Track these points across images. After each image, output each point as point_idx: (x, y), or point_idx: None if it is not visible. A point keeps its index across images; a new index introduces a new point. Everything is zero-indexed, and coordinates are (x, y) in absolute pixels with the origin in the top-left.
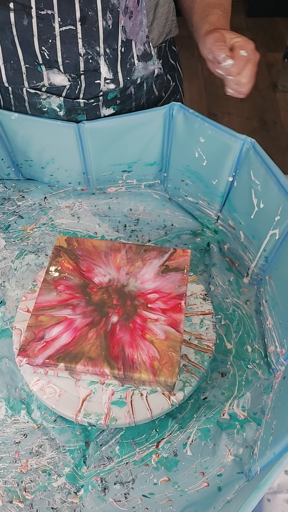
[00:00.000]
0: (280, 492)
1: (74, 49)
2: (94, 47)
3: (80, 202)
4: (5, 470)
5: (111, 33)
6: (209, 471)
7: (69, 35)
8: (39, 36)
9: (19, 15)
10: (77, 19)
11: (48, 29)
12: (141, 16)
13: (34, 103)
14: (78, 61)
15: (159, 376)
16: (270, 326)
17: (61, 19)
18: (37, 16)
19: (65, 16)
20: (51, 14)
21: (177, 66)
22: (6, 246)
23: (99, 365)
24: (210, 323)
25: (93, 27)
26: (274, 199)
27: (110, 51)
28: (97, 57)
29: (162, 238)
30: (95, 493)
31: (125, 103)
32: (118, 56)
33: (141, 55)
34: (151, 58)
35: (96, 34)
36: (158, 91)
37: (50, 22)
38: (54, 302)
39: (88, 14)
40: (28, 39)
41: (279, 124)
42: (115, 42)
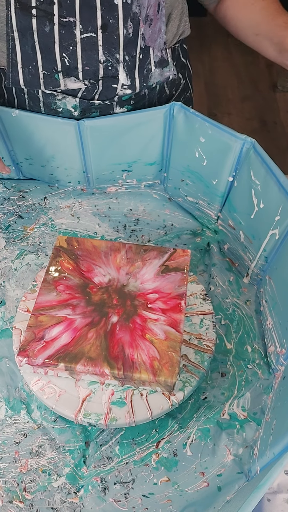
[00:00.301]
0: (280, 492)
1: (94, 56)
2: (114, 54)
3: (80, 202)
4: (5, 470)
5: (131, 41)
6: (209, 471)
7: (90, 42)
8: (60, 42)
9: (41, 22)
10: (98, 26)
11: (70, 36)
12: (160, 24)
13: (49, 104)
14: (98, 68)
15: (159, 376)
16: (270, 326)
17: (83, 26)
18: (59, 23)
19: (87, 23)
20: (73, 21)
21: (187, 63)
22: (6, 246)
23: (99, 365)
24: (210, 323)
25: (113, 35)
26: (274, 199)
27: (129, 58)
28: (116, 64)
29: (162, 238)
30: (95, 493)
31: (138, 103)
32: (136, 62)
33: (158, 62)
34: (167, 65)
35: (116, 41)
36: (169, 90)
37: (72, 29)
38: (54, 302)
39: (109, 22)
40: (49, 46)
41: (279, 124)
42: (134, 50)
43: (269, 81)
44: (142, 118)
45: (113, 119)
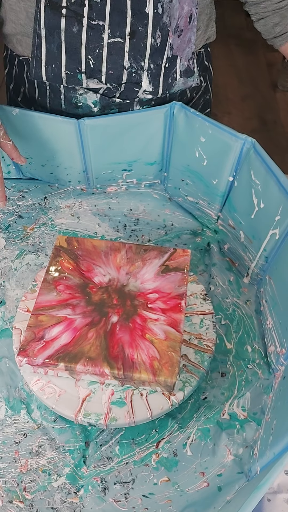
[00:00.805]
0: (280, 492)
1: (120, 61)
2: (139, 61)
3: (80, 202)
4: (5, 470)
5: (158, 50)
6: (209, 471)
7: (116, 47)
8: (87, 44)
9: (70, 22)
10: (126, 32)
11: (97, 39)
12: (190, 34)
13: (70, 97)
14: (122, 73)
15: (159, 376)
16: (270, 326)
17: (111, 31)
18: (87, 25)
19: (115, 28)
20: (102, 25)
21: (209, 66)
22: (6, 246)
23: (99, 365)
24: (210, 323)
25: (141, 43)
26: (274, 199)
27: (154, 66)
28: (141, 71)
29: (162, 238)
30: (95, 493)
31: (158, 104)
32: (161, 71)
33: (184, 71)
34: (193, 75)
35: (143, 49)
36: (190, 93)
37: (100, 32)
38: (54, 302)
39: (138, 29)
40: (75, 46)
41: (279, 123)
42: (160, 59)
43: (269, 80)
44: (143, 118)
45: (113, 118)
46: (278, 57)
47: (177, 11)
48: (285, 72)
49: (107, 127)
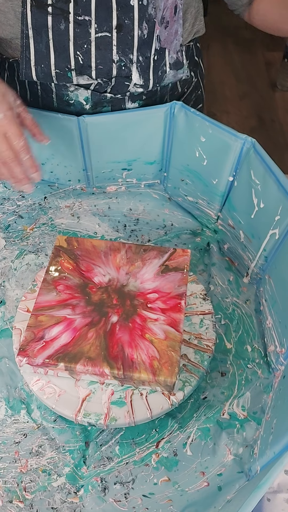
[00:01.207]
0: (280, 491)
1: (108, 56)
2: (128, 54)
3: (80, 202)
4: (5, 470)
5: (146, 42)
6: (209, 471)
7: (104, 41)
8: (74, 41)
9: (56, 19)
10: (113, 26)
11: (84, 35)
12: (176, 26)
13: (61, 95)
14: (111, 67)
15: (158, 376)
16: (270, 326)
17: (98, 25)
18: (74, 22)
19: (102, 23)
20: (88, 20)
21: (199, 62)
22: (6, 246)
23: (98, 365)
24: (210, 322)
25: (128, 35)
26: (274, 199)
27: (143, 59)
28: (130, 64)
29: (162, 238)
30: (95, 493)
31: (150, 99)
32: (150, 64)
33: (173, 63)
34: (182, 67)
35: (130, 42)
36: (182, 88)
37: (87, 28)
38: (54, 302)
39: (125, 22)
40: (63, 43)
41: (277, 122)
42: (148, 51)
43: (267, 79)
44: (143, 116)
45: (114, 116)
46: (277, 56)
47: (162, 2)
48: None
49: (107, 125)
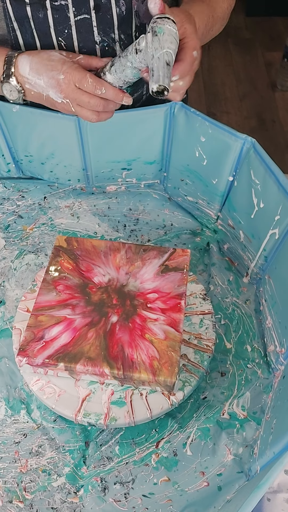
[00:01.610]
0: (280, 491)
1: (90, 38)
2: (109, 34)
3: (79, 202)
4: (5, 470)
5: (125, 19)
6: (209, 471)
7: (84, 24)
8: (55, 27)
9: (35, 8)
10: (91, 7)
11: (64, 20)
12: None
13: None
14: (95, 48)
15: (158, 376)
16: (270, 326)
17: (76, 8)
18: (51, 8)
19: (79, 5)
20: (65, 4)
21: None
22: (5, 246)
23: (98, 365)
24: (210, 322)
25: (107, 15)
26: (274, 199)
27: (125, 36)
28: (113, 43)
29: (162, 237)
30: (95, 493)
31: (137, 85)
32: (133, 41)
33: None
34: None
35: (110, 21)
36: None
37: (65, 12)
38: (54, 302)
39: (102, 1)
40: (45, 31)
41: (277, 123)
42: (129, 28)
43: (267, 80)
44: (143, 116)
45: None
46: (277, 56)
47: None
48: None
49: (107, 124)
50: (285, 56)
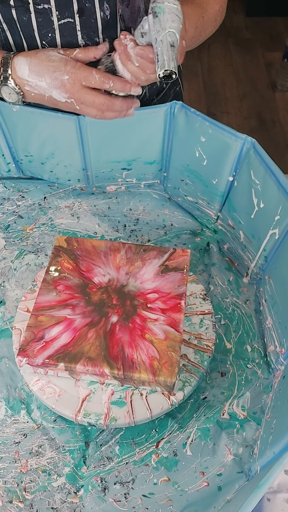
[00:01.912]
0: (280, 491)
1: (74, 42)
2: (93, 38)
3: (79, 202)
4: (5, 470)
5: (110, 23)
6: (209, 471)
7: (68, 27)
8: (39, 30)
9: (19, 11)
10: (75, 11)
11: (47, 23)
12: (138, 3)
13: None
14: None
15: (158, 376)
16: (270, 326)
17: (59, 12)
18: (35, 11)
19: (63, 9)
20: (48, 8)
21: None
22: (5, 246)
23: (98, 365)
24: (210, 322)
25: (91, 19)
26: (274, 199)
27: (109, 41)
28: None
29: (162, 238)
30: (95, 493)
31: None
32: None
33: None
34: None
35: (94, 25)
36: (160, 82)
37: (49, 16)
38: (54, 302)
39: (86, 5)
40: (30, 34)
41: (277, 123)
42: (114, 32)
43: (267, 80)
44: (143, 116)
45: None
46: (277, 56)
47: None
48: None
49: (107, 124)
50: (285, 56)
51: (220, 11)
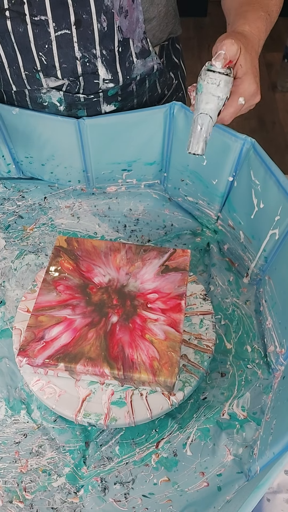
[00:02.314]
0: (280, 492)
1: (71, 53)
2: (90, 50)
3: (80, 202)
4: (5, 470)
5: (107, 35)
6: (209, 471)
7: (64, 39)
8: (35, 42)
9: (15, 23)
10: (72, 23)
11: (44, 35)
12: (137, 13)
13: (34, 98)
14: (75, 64)
15: (158, 376)
16: (270, 326)
17: (56, 24)
18: (31, 23)
19: (60, 20)
20: (45, 19)
21: (180, 64)
22: (6, 246)
23: (98, 365)
24: (210, 323)
25: (88, 30)
26: (274, 199)
27: (106, 52)
28: (94, 59)
29: (162, 238)
30: (95, 493)
31: (126, 100)
32: (116, 56)
33: (139, 52)
34: (150, 54)
35: (91, 37)
36: (161, 89)
37: (45, 27)
38: (54, 302)
39: (83, 17)
40: (26, 45)
41: (278, 124)
42: (111, 43)
43: (268, 81)
44: (142, 117)
45: (113, 117)
46: (277, 57)
47: None
48: (284, 72)
49: (106, 127)
50: (285, 56)
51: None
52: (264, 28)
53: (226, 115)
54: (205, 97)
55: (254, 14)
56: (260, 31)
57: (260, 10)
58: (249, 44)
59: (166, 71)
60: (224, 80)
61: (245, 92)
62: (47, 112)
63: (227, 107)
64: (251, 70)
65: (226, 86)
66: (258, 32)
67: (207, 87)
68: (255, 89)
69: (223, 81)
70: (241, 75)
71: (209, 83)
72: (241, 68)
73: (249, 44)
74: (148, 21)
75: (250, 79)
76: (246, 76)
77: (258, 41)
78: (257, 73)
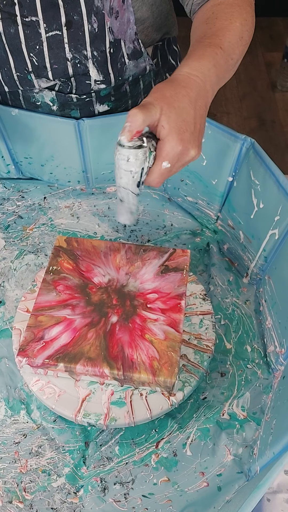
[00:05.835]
0: (280, 492)
1: (62, 54)
2: (81, 51)
3: (79, 202)
4: (5, 470)
5: (98, 36)
6: (208, 471)
7: (55, 40)
8: (26, 43)
9: (6, 24)
10: (62, 24)
11: (35, 36)
12: (128, 14)
13: (28, 97)
14: (66, 65)
15: (158, 376)
16: (270, 326)
17: (47, 25)
18: (22, 23)
19: (51, 21)
20: (36, 20)
21: (177, 65)
22: (5, 246)
23: (98, 365)
24: (210, 323)
25: (79, 31)
26: (273, 199)
27: (98, 53)
28: (85, 60)
29: (162, 238)
30: (95, 493)
31: (120, 101)
32: (107, 57)
33: (131, 53)
34: (142, 55)
35: (82, 38)
36: None
37: (36, 28)
38: (54, 302)
39: (74, 18)
40: (17, 46)
41: (277, 123)
42: (102, 44)
43: (267, 80)
44: None
45: (113, 118)
46: (277, 57)
47: None
48: (284, 72)
49: (106, 127)
50: (285, 56)
51: (244, 24)
52: (213, 64)
53: (153, 181)
54: (118, 172)
55: (199, 51)
56: (205, 69)
57: (209, 46)
58: (181, 93)
59: (162, 72)
60: (133, 154)
61: (168, 155)
62: (43, 112)
63: (151, 173)
64: (175, 130)
65: (138, 159)
66: (201, 72)
67: (118, 163)
68: (180, 150)
69: (132, 156)
70: (164, 136)
71: (119, 159)
72: (163, 129)
73: (180, 93)
74: (140, 22)
75: (173, 140)
76: (169, 137)
77: (200, 82)
78: (187, 127)
